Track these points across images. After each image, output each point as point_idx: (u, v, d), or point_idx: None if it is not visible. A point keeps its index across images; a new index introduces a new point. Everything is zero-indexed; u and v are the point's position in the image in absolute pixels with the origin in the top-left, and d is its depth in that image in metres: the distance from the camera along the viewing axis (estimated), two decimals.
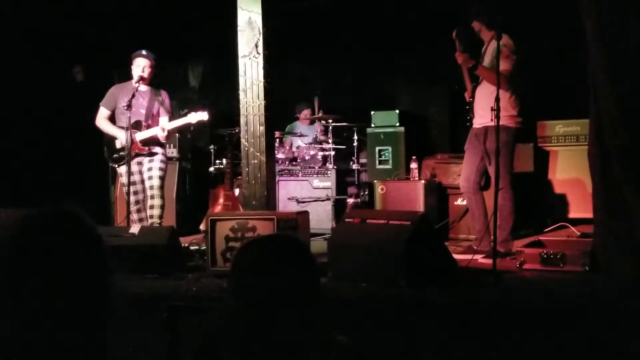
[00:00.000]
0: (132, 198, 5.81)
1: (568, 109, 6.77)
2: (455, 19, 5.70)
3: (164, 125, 5.80)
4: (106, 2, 7.48)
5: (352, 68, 8.28)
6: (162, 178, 5.86)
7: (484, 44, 5.54)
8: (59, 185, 7.02)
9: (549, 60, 6.79)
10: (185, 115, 5.98)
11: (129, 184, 5.70)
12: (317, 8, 7.82)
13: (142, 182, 5.86)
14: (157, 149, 5.90)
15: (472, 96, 5.51)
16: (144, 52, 5.84)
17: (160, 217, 5.80)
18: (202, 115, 5.82)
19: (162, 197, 5.82)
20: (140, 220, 5.81)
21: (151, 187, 5.78)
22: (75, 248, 1.29)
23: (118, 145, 5.84)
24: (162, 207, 5.80)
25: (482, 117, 5.32)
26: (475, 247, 5.36)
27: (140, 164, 5.86)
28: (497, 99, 4.53)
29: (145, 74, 5.79)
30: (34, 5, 6.99)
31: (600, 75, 4.40)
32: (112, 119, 5.96)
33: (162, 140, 5.87)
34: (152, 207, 5.77)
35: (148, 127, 5.81)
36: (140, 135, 5.76)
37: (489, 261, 4.69)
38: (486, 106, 5.12)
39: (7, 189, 6.37)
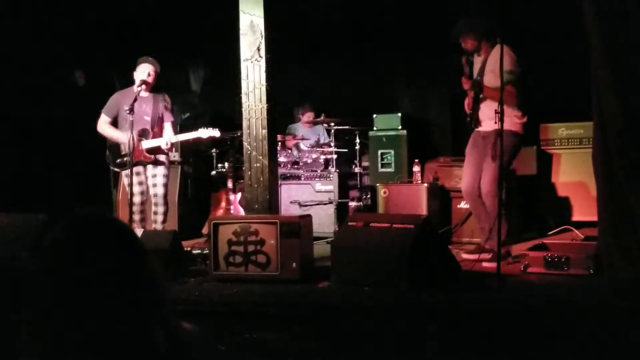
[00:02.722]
0: (138, 199, 5.88)
1: (571, 111, 6.76)
2: (456, 22, 5.67)
3: (169, 139, 5.88)
4: (108, 5, 7.47)
5: (354, 71, 8.26)
6: (166, 185, 6.04)
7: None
8: (59, 189, 7.02)
9: (551, 63, 6.78)
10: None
11: (132, 184, 5.70)
12: (319, 11, 7.81)
13: (147, 182, 5.96)
14: (162, 158, 5.98)
15: (474, 108, 5.45)
16: (150, 58, 5.85)
17: (164, 222, 6.02)
18: (214, 132, 5.89)
19: (166, 204, 6.04)
20: (142, 220, 5.87)
21: (155, 195, 5.96)
22: (122, 250, 1.30)
23: (123, 150, 5.84)
24: (166, 213, 6.04)
25: (491, 119, 5.22)
26: (487, 247, 5.33)
27: (144, 166, 5.94)
28: (501, 102, 4.51)
29: (150, 79, 5.81)
30: (35, 8, 6.99)
31: (602, 77, 4.39)
32: (114, 125, 5.96)
33: (166, 151, 5.98)
34: (156, 213, 5.96)
35: (154, 135, 5.86)
36: (146, 144, 5.82)
37: (493, 265, 4.66)
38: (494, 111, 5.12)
39: (7, 193, 6.36)
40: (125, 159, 5.80)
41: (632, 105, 4.33)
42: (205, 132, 5.89)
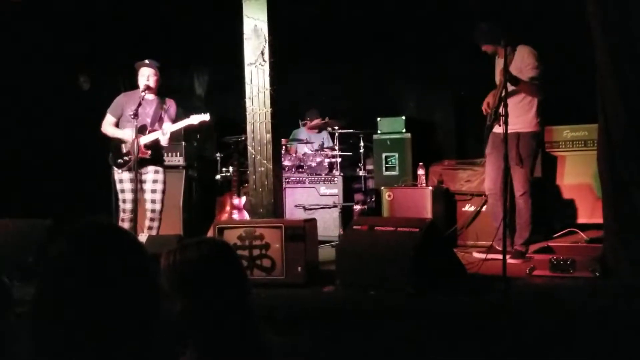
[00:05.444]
0: (128, 206, 5.79)
1: (575, 113, 6.73)
2: (460, 25, 5.68)
3: (165, 128, 5.78)
4: (113, 9, 7.50)
5: (357, 74, 8.26)
6: (163, 193, 5.90)
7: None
8: (58, 194, 7.01)
9: (556, 65, 6.76)
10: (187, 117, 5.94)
11: (136, 190, 5.66)
12: (321, 15, 7.81)
13: (141, 191, 5.82)
14: (160, 159, 5.91)
15: (497, 105, 5.44)
16: (147, 61, 5.83)
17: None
18: (204, 117, 5.79)
19: (161, 219, 5.89)
20: (131, 228, 5.69)
21: (153, 211, 5.82)
22: (127, 259, 1.31)
23: (124, 149, 5.82)
24: (159, 227, 5.87)
25: (514, 124, 5.18)
26: (518, 248, 5.37)
27: (141, 173, 5.82)
28: (506, 105, 4.52)
29: (151, 83, 5.78)
30: (38, 12, 7.01)
31: (606, 78, 4.38)
32: (116, 127, 5.95)
33: (165, 143, 5.84)
34: (150, 228, 5.79)
35: (152, 131, 5.80)
36: (144, 139, 5.73)
37: (517, 261, 5.02)
38: (518, 112, 5.20)
39: (7, 198, 6.36)
40: (125, 158, 5.79)
41: (635, 107, 4.32)
42: (196, 118, 5.80)
